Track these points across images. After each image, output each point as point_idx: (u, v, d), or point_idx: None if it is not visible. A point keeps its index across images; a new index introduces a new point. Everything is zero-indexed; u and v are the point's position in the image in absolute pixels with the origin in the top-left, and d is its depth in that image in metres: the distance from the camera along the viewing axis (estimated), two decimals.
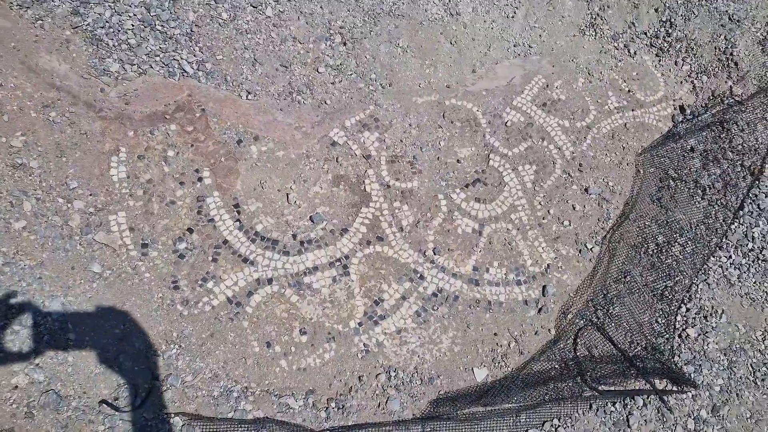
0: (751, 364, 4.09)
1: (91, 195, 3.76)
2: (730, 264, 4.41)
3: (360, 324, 3.97)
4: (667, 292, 4.28)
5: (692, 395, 3.90)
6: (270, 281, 3.93)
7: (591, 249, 4.56)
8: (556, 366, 4.05)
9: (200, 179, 4.05)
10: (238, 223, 4.02)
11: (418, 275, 4.19)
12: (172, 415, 3.31)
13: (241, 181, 4.13)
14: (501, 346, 4.12)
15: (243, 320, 3.78)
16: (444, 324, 4.09)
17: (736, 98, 5.13)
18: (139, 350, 3.47)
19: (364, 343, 3.93)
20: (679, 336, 4.14)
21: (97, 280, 3.56)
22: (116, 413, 3.21)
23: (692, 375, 3.96)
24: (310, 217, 4.16)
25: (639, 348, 4.10)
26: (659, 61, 5.37)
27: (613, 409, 3.82)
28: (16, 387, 3.07)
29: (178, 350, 3.57)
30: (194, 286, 3.78)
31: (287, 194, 4.18)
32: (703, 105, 5.25)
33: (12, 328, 3.16)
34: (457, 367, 4.01)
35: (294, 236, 4.09)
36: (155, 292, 3.69)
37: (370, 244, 4.21)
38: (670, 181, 4.83)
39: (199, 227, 3.93)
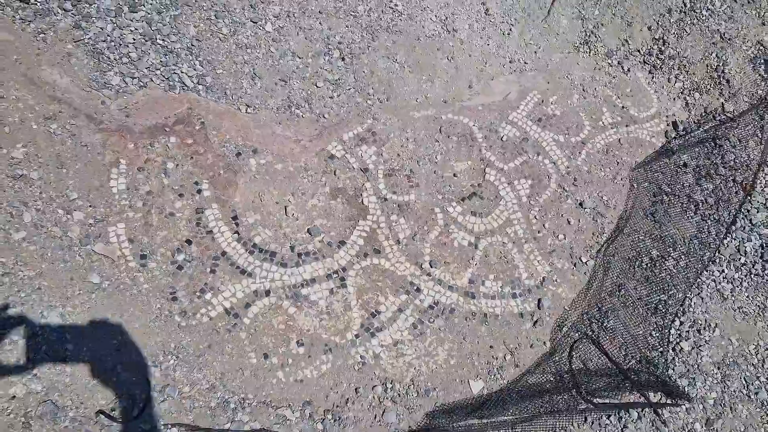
0: (744, 378, 4.12)
1: (90, 206, 3.78)
2: (723, 278, 4.46)
3: (357, 336, 3.99)
4: (661, 306, 4.31)
5: (686, 408, 3.92)
6: (268, 293, 3.95)
7: (586, 263, 4.60)
8: (552, 379, 4.07)
9: (199, 191, 4.08)
10: (236, 235, 4.04)
11: (415, 288, 4.22)
12: (169, 426, 3.32)
13: (239, 194, 4.17)
14: (497, 358, 4.14)
15: (240, 331, 3.80)
16: (440, 336, 4.11)
17: (728, 115, 5.21)
18: (137, 361, 3.48)
19: (360, 355, 3.94)
20: (673, 349, 4.17)
21: (96, 291, 3.57)
22: (113, 424, 3.20)
23: (686, 388, 3.99)
24: (308, 229, 4.19)
25: (633, 361, 4.13)
26: (652, 78, 5.46)
27: (608, 422, 3.83)
28: (14, 397, 3.07)
29: (176, 361, 3.58)
30: (192, 297, 3.79)
31: (285, 207, 4.21)
32: (696, 121, 5.32)
33: (10, 338, 3.17)
34: (453, 380, 4.02)
35: (292, 248, 4.11)
36: (153, 303, 3.70)
37: (367, 256, 4.23)
38: (664, 196, 4.89)
39: (197, 239, 3.96)
